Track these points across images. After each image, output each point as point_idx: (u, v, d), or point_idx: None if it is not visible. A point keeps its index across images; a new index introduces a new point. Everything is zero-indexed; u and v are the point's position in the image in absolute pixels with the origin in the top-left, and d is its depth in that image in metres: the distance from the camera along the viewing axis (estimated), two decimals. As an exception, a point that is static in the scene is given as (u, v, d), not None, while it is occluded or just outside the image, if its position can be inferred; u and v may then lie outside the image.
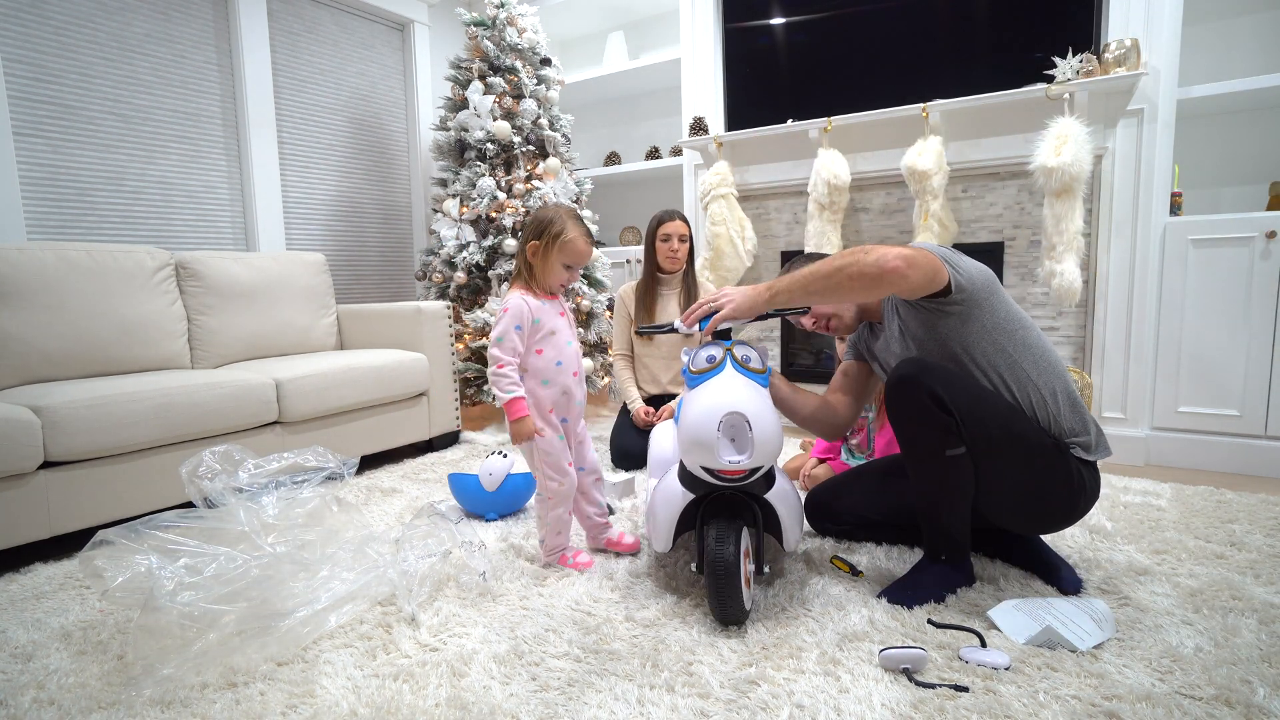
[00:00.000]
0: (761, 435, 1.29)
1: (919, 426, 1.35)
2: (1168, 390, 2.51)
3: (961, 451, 1.34)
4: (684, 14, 3.38)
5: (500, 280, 3.07)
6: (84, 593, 1.60)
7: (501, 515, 2.07)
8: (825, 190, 2.81)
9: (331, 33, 3.45)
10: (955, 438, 1.33)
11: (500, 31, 3.16)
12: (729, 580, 1.30)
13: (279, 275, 2.83)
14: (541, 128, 3.20)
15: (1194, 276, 2.43)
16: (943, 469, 1.36)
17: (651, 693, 1.14)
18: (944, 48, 2.82)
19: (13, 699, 1.17)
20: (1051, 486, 1.38)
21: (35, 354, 2.09)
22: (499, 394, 1.56)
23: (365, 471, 2.62)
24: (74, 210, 2.57)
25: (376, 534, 1.66)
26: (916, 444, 1.39)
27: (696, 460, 1.34)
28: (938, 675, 1.17)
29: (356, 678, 1.21)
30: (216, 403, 2.10)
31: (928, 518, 1.44)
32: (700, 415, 1.31)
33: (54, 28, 2.50)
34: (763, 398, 1.36)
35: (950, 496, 1.39)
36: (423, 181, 3.90)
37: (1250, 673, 1.15)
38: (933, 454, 1.36)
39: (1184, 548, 1.70)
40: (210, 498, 1.54)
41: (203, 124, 2.95)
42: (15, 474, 1.70)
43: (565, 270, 1.61)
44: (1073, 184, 2.35)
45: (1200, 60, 2.66)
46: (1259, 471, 2.37)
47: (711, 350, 1.44)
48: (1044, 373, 1.40)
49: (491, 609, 1.46)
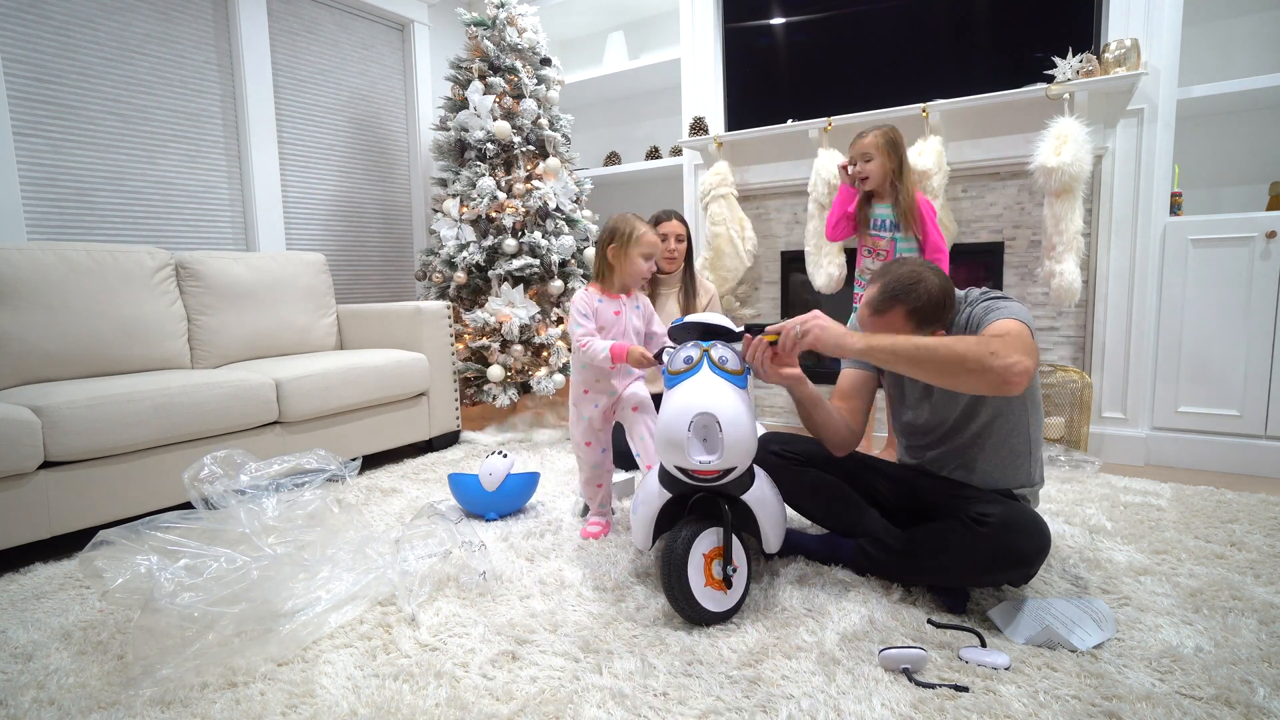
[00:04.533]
0: (732, 436, 1.31)
1: (999, 579, 1.37)
2: (1168, 390, 2.51)
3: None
4: (684, 14, 3.38)
5: (500, 280, 3.07)
6: (84, 593, 1.60)
7: (501, 515, 2.07)
8: (826, 191, 2.80)
9: (331, 33, 3.45)
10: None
11: (500, 31, 3.16)
12: (674, 574, 1.33)
13: (279, 275, 2.83)
14: (541, 128, 3.20)
15: (1194, 276, 2.43)
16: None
17: (651, 693, 1.14)
18: (944, 48, 2.82)
19: (13, 699, 1.17)
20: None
21: (35, 354, 2.09)
22: (599, 362, 1.73)
23: (365, 471, 2.62)
24: (74, 210, 2.57)
25: (376, 534, 1.66)
26: (977, 582, 1.41)
27: (670, 459, 1.37)
28: (938, 675, 1.17)
29: (356, 678, 1.21)
30: (216, 403, 2.10)
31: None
32: (673, 415, 1.34)
33: (54, 28, 2.50)
34: (738, 399, 1.36)
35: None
36: (423, 181, 3.90)
37: (1250, 673, 1.15)
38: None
39: (1184, 548, 1.70)
40: (211, 500, 1.54)
41: (203, 124, 2.95)
42: (15, 474, 1.70)
43: (644, 261, 1.84)
44: (1073, 184, 2.35)
45: (1200, 60, 2.66)
46: (1259, 471, 2.37)
47: (689, 351, 1.44)
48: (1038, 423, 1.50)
49: (491, 609, 1.46)
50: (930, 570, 1.43)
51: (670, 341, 1.60)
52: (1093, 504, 2.04)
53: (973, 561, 1.33)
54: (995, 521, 1.30)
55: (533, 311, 3.04)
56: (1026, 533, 1.30)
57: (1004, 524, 1.30)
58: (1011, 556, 1.29)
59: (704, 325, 1.49)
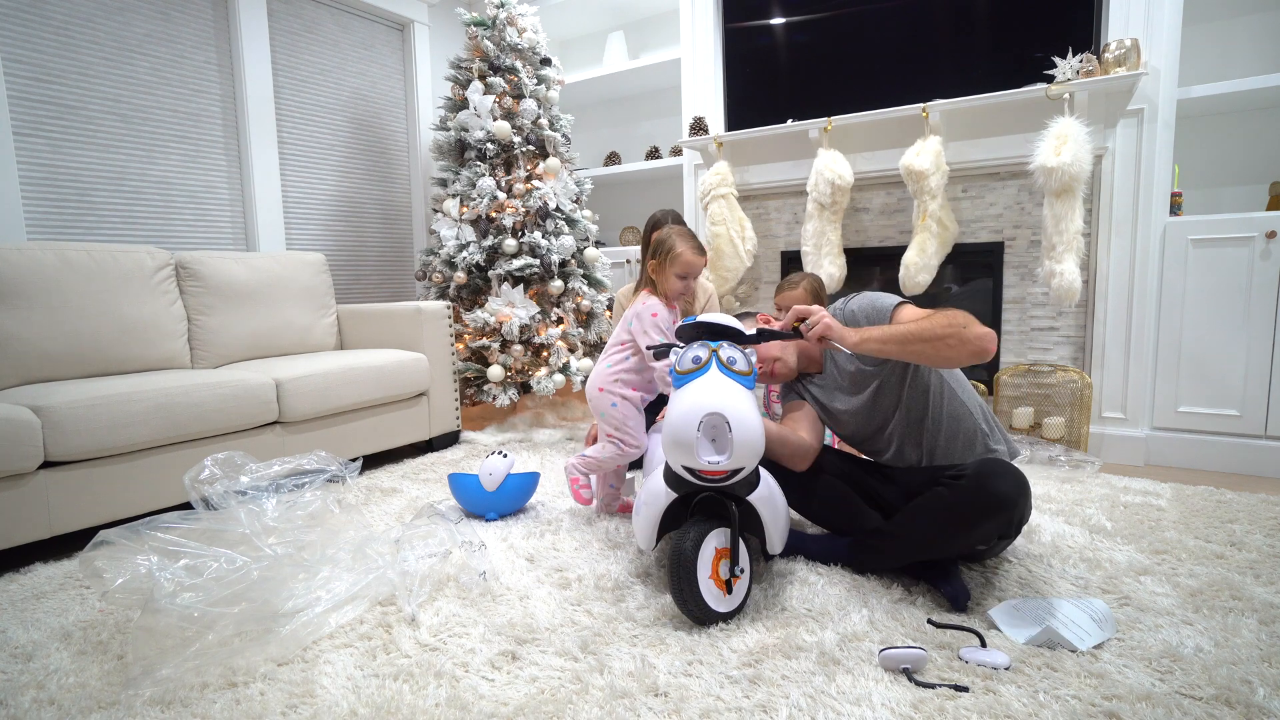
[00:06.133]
0: (741, 437, 1.31)
1: (986, 530, 1.38)
2: (1168, 390, 2.51)
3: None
4: (684, 14, 3.38)
5: (500, 280, 3.07)
6: (84, 593, 1.59)
7: (501, 515, 2.07)
8: (828, 190, 2.80)
9: (331, 33, 3.45)
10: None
11: (500, 31, 3.16)
12: (683, 574, 1.32)
13: (279, 275, 2.83)
14: (541, 128, 3.20)
15: (1194, 276, 2.43)
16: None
17: (651, 694, 1.14)
18: (944, 48, 2.82)
19: (13, 699, 1.17)
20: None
21: (35, 354, 2.09)
22: (664, 386, 1.84)
23: (365, 471, 2.61)
24: (74, 210, 2.57)
25: (376, 534, 1.66)
26: (968, 540, 1.41)
27: (678, 460, 1.36)
28: (938, 675, 1.17)
29: (356, 678, 1.21)
30: (216, 403, 2.10)
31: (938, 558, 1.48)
32: (682, 415, 1.33)
33: (54, 27, 2.50)
34: (746, 399, 1.36)
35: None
36: (423, 181, 3.90)
37: (1250, 673, 1.15)
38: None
39: (1184, 548, 1.70)
40: (211, 501, 1.54)
41: (203, 124, 2.95)
42: (15, 474, 1.70)
43: (680, 280, 1.87)
44: (1073, 184, 2.35)
45: (1200, 60, 2.66)
46: (1259, 471, 2.37)
47: (698, 351, 1.44)
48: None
49: (491, 609, 1.46)
50: (921, 542, 1.44)
51: (677, 341, 1.61)
52: (1093, 504, 2.04)
53: (956, 516, 1.36)
54: (970, 471, 1.37)
55: (533, 311, 3.04)
56: (1002, 475, 1.35)
57: (979, 471, 1.36)
58: (992, 500, 1.33)
59: (711, 325, 1.50)
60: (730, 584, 1.38)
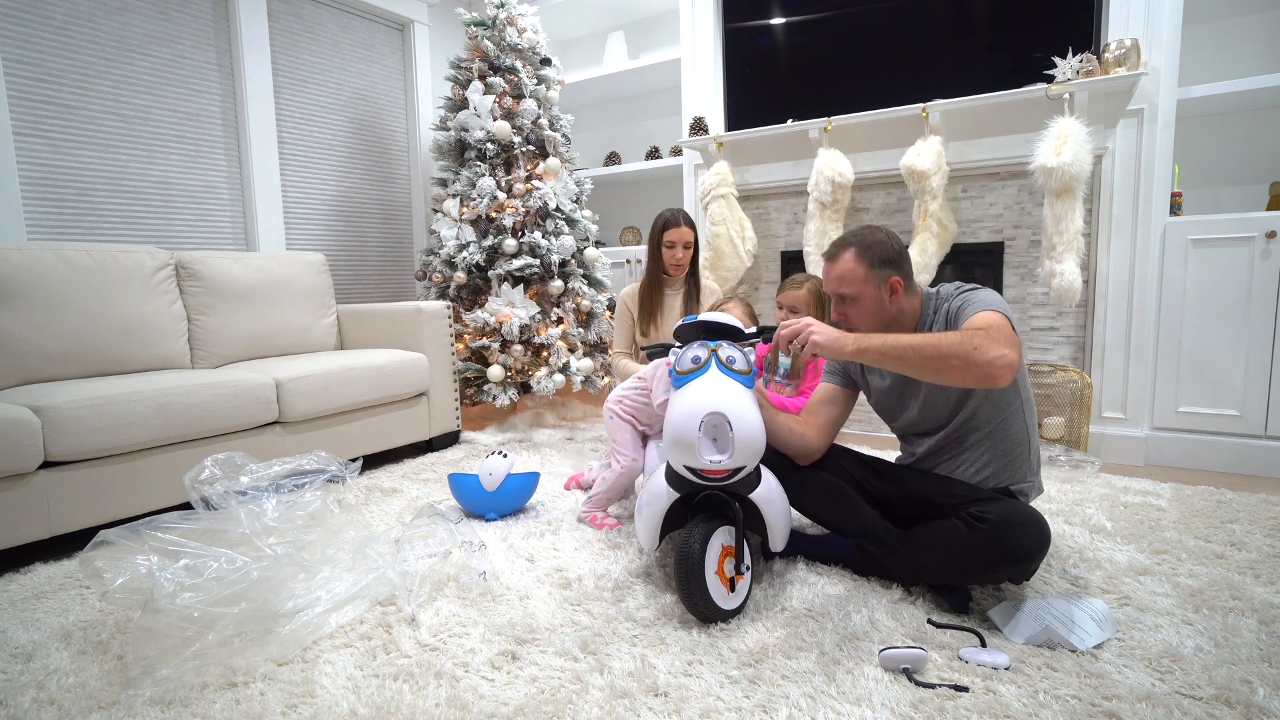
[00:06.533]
0: (742, 436, 1.31)
1: (999, 576, 1.36)
2: (1168, 390, 2.51)
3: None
4: (684, 14, 3.38)
5: (500, 280, 3.07)
6: (84, 593, 1.59)
7: (501, 515, 2.06)
8: (829, 189, 2.80)
9: (331, 33, 3.45)
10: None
11: (500, 31, 3.16)
12: (692, 574, 1.32)
13: (279, 275, 2.83)
14: (541, 128, 3.20)
15: (1194, 276, 2.43)
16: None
17: (651, 694, 1.14)
18: (944, 48, 2.82)
19: (13, 699, 1.17)
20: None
21: (35, 354, 2.09)
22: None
23: (365, 471, 2.61)
24: (74, 210, 2.57)
25: (376, 534, 1.66)
26: (978, 580, 1.40)
27: (679, 459, 1.36)
28: (938, 675, 1.17)
29: (356, 678, 1.21)
30: (216, 403, 2.10)
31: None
32: (683, 415, 1.33)
33: (54, 28, 2.50)
34: (746, 398, 1.36)
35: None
36: (423, 181, 3.90)
37: (1250, 673, 1.15)
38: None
39: (1184, 548, 1.70)
40: (211, 501, 1.54)
41: (203, 124, 2.95)
42: (15, 474, 1.70)
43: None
44: (1073, 184, 2.35)
45: (1200, 60, 2.66)
46: (1259, 471, 2.37)
47: (697, 351, 1.44)
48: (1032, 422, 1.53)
49: (491, 609, 1.46)
50: (929, 568, 1.43)
51: (675, 340, 1.60)
52: (1093, 504, 2.04)
53: (971, 559, 1.33)
54: (994, 518, 1.30)
55: (533, 311, 3.04)
56: (1025, 529, 1.29)
57: (1003, 521, 1.30)
58: (1011, 554, 1.29)
59: (710, 325, 1.49)
60: (734, 582, 1.39)
